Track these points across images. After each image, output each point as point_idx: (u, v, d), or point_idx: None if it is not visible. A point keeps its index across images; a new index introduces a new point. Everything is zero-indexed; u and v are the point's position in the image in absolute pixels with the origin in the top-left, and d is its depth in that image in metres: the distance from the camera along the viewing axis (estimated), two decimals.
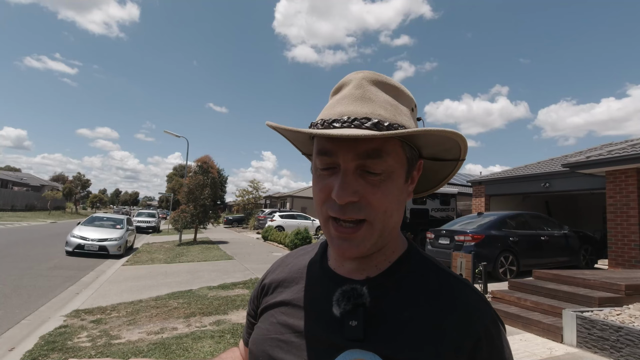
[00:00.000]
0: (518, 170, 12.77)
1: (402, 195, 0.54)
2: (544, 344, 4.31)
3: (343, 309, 0.52)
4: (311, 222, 20.62)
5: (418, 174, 0.57)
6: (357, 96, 0.52)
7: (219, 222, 22.16)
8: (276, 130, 0.56)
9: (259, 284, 0.69)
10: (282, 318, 0.58)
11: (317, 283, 0.59)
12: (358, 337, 0.50)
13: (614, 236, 7.59)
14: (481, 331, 0.50)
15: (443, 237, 8.54)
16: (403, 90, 0.56)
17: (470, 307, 0.52)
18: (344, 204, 0.49)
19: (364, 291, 0.52)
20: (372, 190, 0.50)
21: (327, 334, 0.52)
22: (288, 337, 0.55)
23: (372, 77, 0.54)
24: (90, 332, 4.34)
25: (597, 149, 10.64)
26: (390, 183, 0.51)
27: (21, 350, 3.82)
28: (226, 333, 4.30)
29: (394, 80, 0.55)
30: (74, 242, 10.69)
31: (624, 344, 3.70)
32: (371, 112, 0.50)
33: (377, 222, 0.51)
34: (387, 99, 0.53)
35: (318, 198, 0.53)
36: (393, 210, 0.52)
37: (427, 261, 0.58)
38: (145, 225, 23.01)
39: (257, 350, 0.57)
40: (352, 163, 0.49)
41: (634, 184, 7.33)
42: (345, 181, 0.49)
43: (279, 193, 43.65)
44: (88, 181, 58.73)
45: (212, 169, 16.67)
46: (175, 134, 20.38)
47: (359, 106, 0.51)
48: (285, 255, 0.72)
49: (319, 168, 0.53)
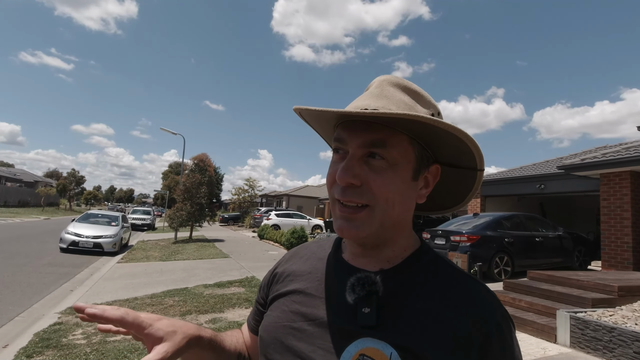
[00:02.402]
0: (513, 171, 12.86)
1: (408, 190, 0.55)
2: (538, 344, 4.35)
3: (357, 294, 0.53)
4: (307, 221, 20.62)
5: (434, 180, 0.59)
6: (375, 93, 0.56)
7: (215, 220, 22.09)
8: (301, 114, 0.59)
9: (271, 272, 0.71)
10: (295, 306, 0.59)
11: (331, 273, 0.61)
12: (371, 323, 0.51)
13: (608, 238, 7.67)
14: (492, 326, 0.52)
15: (439, 238, 8.59)
16: (424, 95, 0.58)
17: (483, 302, 0.54)
18: (346, 187, 0.53)
19: (377, 279, 0.54)
20: (374, 176, 0.52)
21: (340, 322, 0.54)
22: (301, 324, 0.56)
23: (393, 80, 0.58)
24: (85, 329, 4.32)
25: (591, 152, 10.74)
26: (393, 173, 0.53)
27: (15, 347, 3.78)
28: (222, 331, 4.29)
29: (416, 86, 0.59)
30: (69, 239, 10.59)
31: (616, 344, 3.74)
32: (382, 106, 0.53)
33: (377, 209, 0.53)
34: (404, 99, 0.56)
35: (328, 181, 0.58)
36: (395, 201, 0.54)
37: (439, 259, 0.60)
38: (140, 222, 22.86)
39: (269, 337, 0.59)
40: (359, 150, 0.53)
41: (628, 186, 7.41)
42: (348, 165, 0.53)
43: (275, 191, 43.58)
44: (82, 177, 58.31)
45: (209, 167, 16.61)
46: (171, 132, 20.31)
47: (374, 100, 0.54)
48: (299, 247, 0.74)
49: (334, 153, 0.58)
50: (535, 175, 11.07)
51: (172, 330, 0.54)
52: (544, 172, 10.90)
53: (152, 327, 0.53)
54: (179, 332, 0.55)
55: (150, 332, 0.53)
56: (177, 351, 0.53)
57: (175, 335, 0.54)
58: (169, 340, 0.53)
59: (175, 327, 0.55)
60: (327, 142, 0.69)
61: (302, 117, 0.60)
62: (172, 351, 0.52)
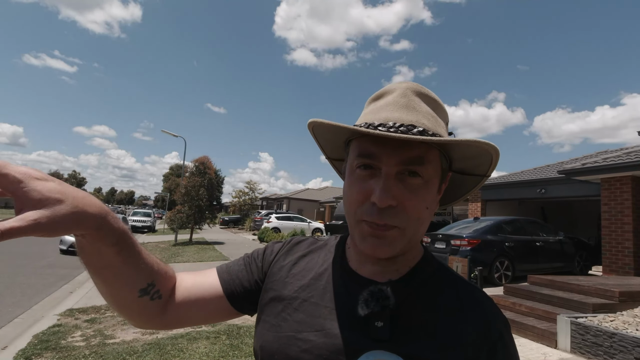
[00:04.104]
0: (514, 175, 12.86)
1: (434, 205, 0.55)
2: (539, 349, 4.33)
3: (371, 309, 0.52)
4: (307, 224, 20.60)
5: (445, 186, 0.58)
6: (402, 104, 0.53)
7: (215, 223, 22.09)
8: (314, 129, 0.56)
9: (273, 251, 0.66)
10: (299, 315, 0.56)
11: (338, 282, 0.58)
12: (385, 337, 0.51)
13: (608, 243, 7.64)
14: (497, 335, 0.53)
15: (439, 241, 8.57)
16: (440, 104, 0.57)
17: (487, 311, 0.55)
18: (383, 208, 0.50)
19: (389, 292, 0.53)
20: (410, 196, 0.50)
21: (349, 334, 0.52)
22: (306, 335, 0.54)
23: (416, 88, 0.55)
24: (84, 331, 4.31)
25: (592, 156, 10.74)
26: (427, 191, 0.52)
27: (14, 349, 3.78)
28: (221, 334, 4.28)
29: (433, 93, 0.57)
30: (69, 241, 10.62)
31: (617, 350, 3.72)
32: (416, 120, 0.51)
33: (409, 229, 0.51)
34: (429, 110, 0.54)
35: (354, 199, 0.53)
36: (425, 218, 0.53)
37: (442, 267, 0.61)
38: (141, 224, 22.89)
39: (272, 348, 0.55)
40: (395, 168, 0.50)
41: (629, 191, 7.40)
42: (387, 185, 0.50)
43: (276, 194, 43.60)
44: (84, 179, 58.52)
45: (210, 169, 16.63)
46: (173, 134, 20.32)
47: (405, 114, 0.52)
48: (299, 240, 0.68)
49: (357, 170, 0.53)
50: (536, 180, 11.06)
51: (57, 197, 0.40)
52: (545, 177, 10.89)
53: (24, 185, 0.39)
54: (68, 203, 0.40)
55: (21, 192, 0.39)
56: (54, 224, 0.39)
57: (60, 205, 0.40)
58: (47, 207, 0.39)
59: (65, 196, 0.41)
60: (322, 150, 0.66)
61: (311, 129, 0.57)
62: (46, 222, 0.38)
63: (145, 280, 0.55)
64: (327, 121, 0.52)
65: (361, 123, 0.54)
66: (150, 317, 0.59)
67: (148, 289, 0.55)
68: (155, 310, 0.58)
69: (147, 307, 0.56)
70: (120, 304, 0.56)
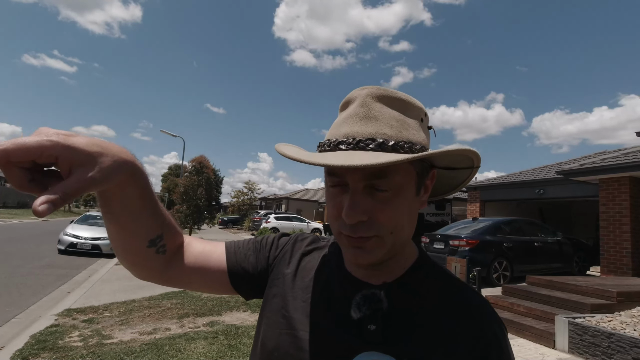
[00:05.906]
0: (513, 176, 12.88)
1: (413, 207, 0.54)
2: (537, 349, 4.34)
3: (364, 312, 0.53)
4: (306, 224, 20.62)
5: (432, 183, 0.58)
6: (361, 115, 0.52)
7: (214, 223, 22.07)
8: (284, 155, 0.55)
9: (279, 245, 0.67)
10: (297, 314, 0.58)
11: (335, 284, 0.59)
12: (377, 340, 0.51)
13: (607, 243, 7.66)
14: (491, 335, 0.53)
15: (438, 242, 8.58)
16: (410, 102, 0.54)
17: (481, 312, 0.55)
18: (355, 224, 0.50)
19: (382, 296, 0.54)
20: (381, 207, 0.50)
21: (344, 335, 0.53)
22: (303, 334, 0.55)
23: (377, 92, 0.53)
24: (82, 331, 4.30)
25: (590, 157, 10.77)
26: (399, 199, 0.51)
27: (11, 349, 3.76)
28: (220, 334, 4.28)
29: (400, 92, 0.54)
30: (67, 241, 10.55)
31: (615, 350, 3.73)
32: (375, 132, 0.50)
33: (387, 237, 0.51)
34: (393, 114, 0.52)
35: (331, 214, 0.54)
36: (404, 224, 0.53)
37: (437, 267, 0.61)
38: None
39: (271, 345, 0.57)
40: (361, 183, 0.50)
41: (627, 192, 7.42)
42: (354, 200, 0.49)
43: (275, 195, 43.60)
44: None
45: (207, 168, 16.62)
46: (171, 134, 20.31)
47: (363, 126, 0.51)
48: (301, 237, 0.70)
49: (329, 186, 0.54)
50: (535, 180, 11.09)
51: (99, 151, 0.41)
52: (543, 177, 10.92)
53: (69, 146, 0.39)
54: (108, 154, 0.42)
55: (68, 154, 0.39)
56: (106, 176, 0.41)
57: (103, 157, 0.41)
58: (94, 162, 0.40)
59: (103, 148, 0.42)
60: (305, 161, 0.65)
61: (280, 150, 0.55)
62: (100, 177, 0.41)
63: (156, 232, 0.56)
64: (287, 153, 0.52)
65: (325, 140, 0.54)
66: (152, 271, 0.60)
67: (156, 240, 0.57)
68: (157, 265, 0.60)
69: (151, 259, 0.58)
70: (128, 251, 0.57)
